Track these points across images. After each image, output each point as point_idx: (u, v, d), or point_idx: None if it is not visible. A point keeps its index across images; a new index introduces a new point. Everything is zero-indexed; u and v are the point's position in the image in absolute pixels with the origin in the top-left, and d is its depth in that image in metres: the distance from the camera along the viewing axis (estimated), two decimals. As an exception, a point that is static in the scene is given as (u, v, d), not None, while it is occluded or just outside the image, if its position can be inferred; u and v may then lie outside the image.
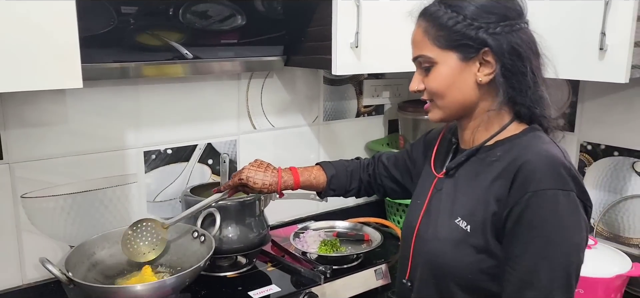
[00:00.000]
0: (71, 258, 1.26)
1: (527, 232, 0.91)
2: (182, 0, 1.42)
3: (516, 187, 0.92)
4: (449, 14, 0.97)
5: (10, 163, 1.37)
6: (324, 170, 1.36)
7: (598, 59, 1.31)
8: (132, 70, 1.48)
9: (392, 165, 1.35)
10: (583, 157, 1.78)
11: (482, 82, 0.98)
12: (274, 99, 1.82)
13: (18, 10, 0.99)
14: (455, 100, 1.01)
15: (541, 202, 0.90)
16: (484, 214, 0.97)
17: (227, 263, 1.57)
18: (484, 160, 1.01)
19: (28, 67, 1.02)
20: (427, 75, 1.02)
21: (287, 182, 1.32)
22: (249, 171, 1.30)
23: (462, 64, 0.98)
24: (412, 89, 1.05)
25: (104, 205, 1.53)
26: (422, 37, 1.01)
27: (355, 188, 1.38)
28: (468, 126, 1.05)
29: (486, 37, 0.96)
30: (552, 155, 0.93)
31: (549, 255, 0.90)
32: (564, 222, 0.90)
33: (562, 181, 0.90)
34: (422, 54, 1.01)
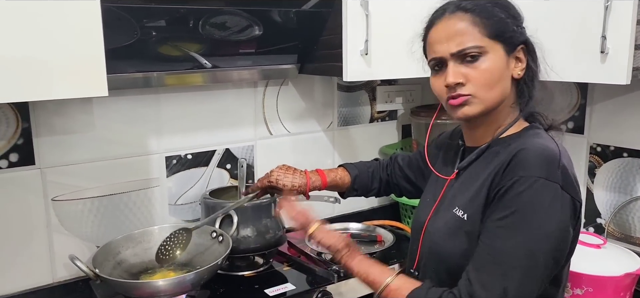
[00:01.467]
0: (98, 257, 1.34)
1: (501, 210, 0.96)
2: (202, 12, 1.50)
3: (507, 172, 0.97)
4: (494, 7, 1.02)
5: (41, 168, 1.47)
6: (348, 171, 1.42)
7: (600, 62, 1.35)
8: (155, 79, 1.57)
9: (406, 165, 1.42)
10: (593, 159, 1.81)
11: (516, 77, 1.04)
12: (290, 106, 1.89)
13: (47, 24, 1.07)
14: (498, 93, 1.02)
15: (522, 187, 0.94)
16: (479, 202, 1.02)
17: (244, 263, 1.64)
18: (488, 156, 1.06)
19: (57, 77, 1.10)
20: (469, 68, 1.01)
21: (315, 182, 1.38)
22: (278, 173, 1.36)
23: (506, 57, 1.02)
24: (453, 81, 1.01)
25: (128, 207, 1.62)
26: (468, 28, 1.00)
27: (376, 188, 1.44)
28: (483, 123, 1.07)
29: (523, 35, 1.04)
30: (546, 148, 0.98)
31: (516, 236, 0.94)
32: (537, 209, 0.93)
33: (549, 171, 0.94)
34: (471, 45, 1.00)
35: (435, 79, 1.07)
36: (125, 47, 1.45)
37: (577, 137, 1.83)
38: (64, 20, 1.09)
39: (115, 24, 1.39)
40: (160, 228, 1.49)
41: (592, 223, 1.84)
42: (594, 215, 1.83)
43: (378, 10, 1.55)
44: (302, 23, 1.66)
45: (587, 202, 1.84)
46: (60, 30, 1.09)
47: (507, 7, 1.05)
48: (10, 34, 1.04)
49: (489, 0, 1.04)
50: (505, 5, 1.05)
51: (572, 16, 1.41)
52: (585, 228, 1.86)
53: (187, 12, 1.47)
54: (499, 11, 1.03)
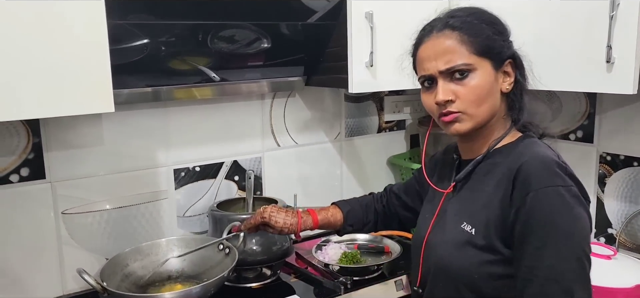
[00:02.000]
0: (106, 270, 1.35)
1: (540, 229, 0.95)
2: (211, 26, 1.51)
3: (518, 189, 0.98)
4: (480, 24, 1.04)
5: (52, 182, 1.49)
6: (340, 207, 1.41)
7: (606, 72, 1.34)
8: (163, 93, 1.59)
9: (402, 192, 1.41)
10: (603, 168, 1.79)
11: (505, 91, 1.06)
12: (297, 117, 1.90)
13: (53, 43, 1.10)
14: (488, 108, 1.04)
15: (547, 199, 0.95)
16: (487, 216, 1.02)
17: (252, 275, 1.64)
18: (485, 167, 1.07)
19: (63, 94, 1.12)
20: (459, 85, 1.02)
21: (307, 222, 1.37)
22: (271, 211, 1.36)
23: (494, 72, 1.04)
24: (442, 99, 1.02)
25: (137, 220, 1.64)
26: (455, 46, 1.02)
27: (371, 221, 1.43)
28: (478, 135, 1.09)
29: (510, 49, 1.06)
30: (546, 156, 0.99)
31: (566, 248, 0.94)
32: (573, 214, 0.95)
33: (559, 178, 0.96)
34: (459, 63, 1.01)
35: (426, 95, 1.08)
36: (135, 62, 1.47)
37: (586, 146, 1.82)
38: (70, 39, 1.12)
39: (125, 40, 1.42)
40: (168, 241, 1.51)
41: (603, 234, 1.82)
42: (605, 225, 1.81)
43: (383, 23, 1.56)
44: (308, 36, 1.67)
45: (598, 212, 1.82)
46: (66, 49, 1.11)
47: (494, 23, 1.06)
48: (14, 52, 1.06)
49: (476, 17, 1.05)
50: (492, 22, 1.06)
51: (577, 26, 1.40)
52: (596, 239, 1.84)
53: (197, 27, 1.49)
54: (486, 28, 1.04)
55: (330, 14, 1.59)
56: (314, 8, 1.57)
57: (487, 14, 1.08)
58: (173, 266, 1.49)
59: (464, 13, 1.07)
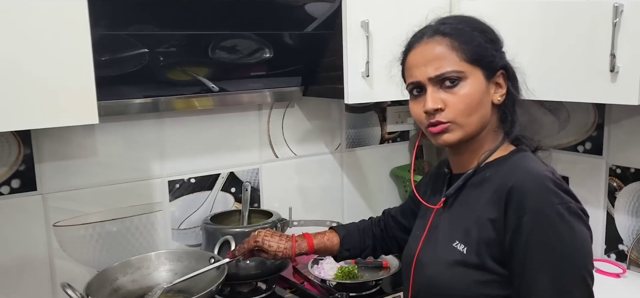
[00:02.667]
0: (93, 284, 1.33)
1: (541, 252, 0.90)
2: (211, 37, 1.49)
3: (512, 211, 0.93)
4: (472, 31, 1.00)
5: (43, 194, 1.48)
6: (336, 232, 1.37)
7: (610, 81, 1.28)
8: (158, 104, 1.57)
9: (399, 215, 1.36)
10: (613, 182, 1.72)
11: (496, 103, 1.02)
12: (295, 128, 1.87)
13: (35, 54, 1.08)
14: (478, 119, 1.00)
15: (545, 220, 0.90)
16: (478, 235, 0.97)
17: (247, 289, 1.61)
18: (474, 184, 1.03)
19: (45, 105, 1.10)
20: (448, 93, 0.98)
21: (301, 246, 1.32)
22: (265, 235, 1.32)
23: (485, 82, 1.00)
24: (431, 107, 0.98)
25: (131, 232, 1.62)
26: (446, 52, 0.98)
27: (369, 246, 1.37)
28: (468, 149, 1.05)
29: (502, 59, 1.02)
30: (539, 172, 0.94)
31: (569, 269, 0.89)
32: (574, 233, 0.90)
33: (555, 195, 0.91)
34: (449, 69, 0.97)
35: (414, 104, 1.04)
36: (133, 73, 1.45)
37: (595, 159, 1.75)
38: (54, 50, 1.10)
39: (124, 50, 1.41)
40: (158, 254, 1.48)
41: (613, 250, 1.75)
42: (616, 241, 1.74)
43: (378, 32, 1.52)
44: (305, 45, 1.64)
45: (608, 227, 1.75)
46: (48, 59, 1.09)
47: (486, 31, 1.02)
48: (-5, 65, 1.04)
49: (467, 25, 1.01)
50: (484, 30, 1.02)
51: (579, 34, 1.35)
52: (606, 255, 1.77)
53: (198, 37, 1.48)
54: (478, 36, 1.00)
55: (326, 23, 1.56)
56: (313, 15, 1.54)
57: (479, 22, 1.04)
58: (164, 280, 1.46)
59: (456, 20, 1.03)
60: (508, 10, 1.49)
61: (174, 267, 1.48)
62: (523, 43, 1.08)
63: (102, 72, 1.36)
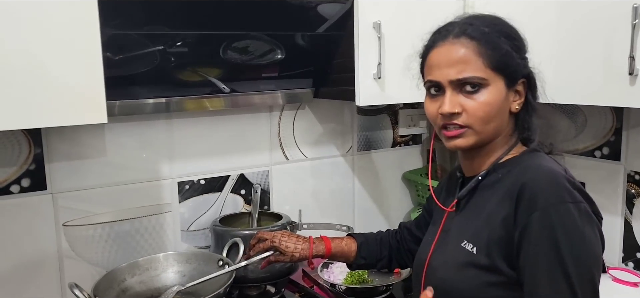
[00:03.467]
0: (101, 284, 1.32)
1: (548, 252, 0.88)
2: (223, 37, 1.48)
3: (523, 207, 0.90)
4: (500, 37, 0.97)
5: (53, 194, 1.48)
6: (354, 238, 1.35)
7: (629, 84, 1.24)
8: (169, 105, 1.56)
9: (414, 227, 1.34)
10: (631, 188, 1.67)
11: (515, 111, 1.00)
12: (306, 130, 1.85)
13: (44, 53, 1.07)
14: (495, 127, 0.99)
15: (556, 218, 0.87)
16: (489, 235, 0.95)
17: (256, 293, 1.59)
18: (486, 184, 1.01)
19: (54, 105, 1.10)
20: (468, 98, 0.96)
21: (319, 248, 1.31)
22: (282, 237, 1.31)
23: (506, 90, 0.98)
24: (449, 110, 0.96)
25: (139, 233, 1.61)
26: (471, 57, 0.95)
27: (386, 257, 1.35)
28: (480, 153, 1.03)
29: (526, 68, 0.99)
30: (552, 170, 0.92)
31: (577, 272, 0.87)
32: (584, 235, 0.88)
33: (568, 194, 0.89)
34: (473, 75, 0.95)
35: (431, 102, 1.01)
36: (144, 73, 1.45)
37: (613, 164, 1.70)
38: (63, 49, 1.09)
39: (134, 50, 1.40)
40: (166, 256, 1.47)
41: (631, 258, 1.70)
42: (634, 249, 1.69)
43: (391, 33, 1.50)
44: (316, 47, 1.63)
45: (626, 235, 1.70)
46: (59, 59, 1.09)
47: (514, 38, 0.99)
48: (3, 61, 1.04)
49: (495, 29, 0.97)
50: (511, 36, 0.98)
51: (597, 36, 1.31)
52: (624, 264, 1.72)
53: (211, 38, 1.47)
54: (505, 42, 0.96)
55: (337, 24, 1.55)
56: (325, 15, 1.52)
57: (507, 26, 1.00)
58: (171, 282, 1.45)
59: (483, 22, 0.98)
60: (524, 11, 1.45)
61: (182, 268, 1.47)
62: (538, 45, 1.04)
63: (113, 72, 1.36)
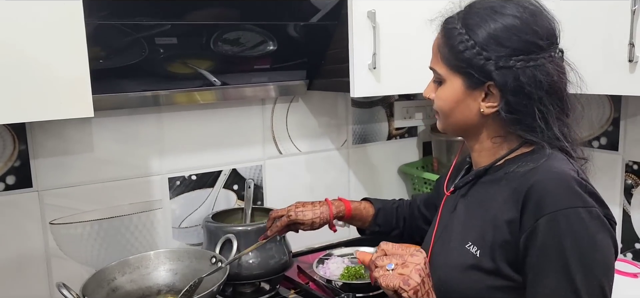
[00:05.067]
0: (90, 284, 1.28)
1: (557, 259, 0.83)
2: (213, 29, 1.44)
3: (530, 211, 0.86)
4: (462, 35, 0.92)
5: (39, 191, 1.43)
6: (372, 203, 1.34)
7: (628, 72, 1.22)
8: (158, 98, 1.53)
9: (423, 205, 1.33)
10: (629, 178, 1.65)
11: (485, 113, 0.94)
12: (300, 123, 1.82)
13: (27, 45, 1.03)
14: (457, 122, 0.99)
15: (565, 224, 0.82)
16: (493, 238, 0.91)
17: (250, 290, 1.56)
18: (492, 180, 0.97)
19: (37, 98, 1.05)
20: (436, 88, 1.00)
21: (340, 208, 1.29)
22: (296, 209, 1.28)
23: (466, 90, 0.95)
24: (424, 95, 1.04)
25: (129, 231, 1.57)
26: (437, 50, 0.99)
27: (400, 228, 1.34)
28: (474, 147, 1.02)
29: (492, 71, 0.90)
30: (562, 172, 0.87)
31: (587, 281, 0.82)
32: (595, 242, 0.83)
33: (579, 198, 0.84)
34: (435, 69, 0.99)
35: None
36: (132, 65, 1.41)
37: (611, 154, 1.68)
38: (46, 39, 1.05)
39: (121, 42, 1.36)
40: (157, 253, 1.43)
41: (630, 249, 1.68)
42: (632, 240, 1.67)
43: (386, 22, 1.47)
44: (309, 37, 1.59)
45: (624, 226, 1.68)
46: (42, 50, 1.05)
47: (492, 38, 0.90)
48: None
49: (470, 24, 0.92)
50: (491, 34, 0.90)
51: (596, 22, 1.29)
52: (622, 255, 1.70)
53: (199, 29, 1.43)
54: (467, 41, 0.91)
55: (331, 13, 1.51)
56: (318, 5, 1.49)
57: (495, 22, 0.90)
58: (163, 280, 1.41)
59: (468, 15, 0.94)
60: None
61: (174, 266, 1.43)
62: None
63: (99, 65, 1.32)
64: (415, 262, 0.87)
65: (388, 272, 0.87)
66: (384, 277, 0.87)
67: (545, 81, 0.90)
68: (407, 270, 0.86)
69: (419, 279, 0.85)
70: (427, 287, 0.87)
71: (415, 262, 0.87)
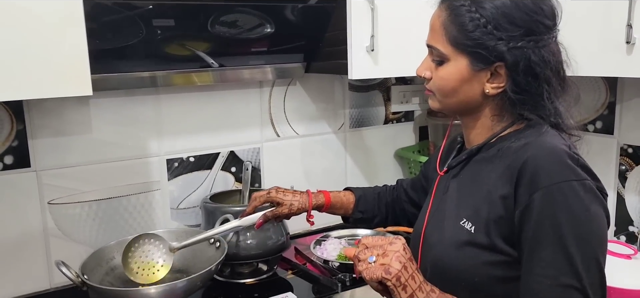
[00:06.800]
0: (88, 263, 1.29)
1: (552, 233, 0.84)
2: (211, 10, 1.44)
3: (524, 186, 0.86)
4: (471, 13, 0.90)
5: (37, 171, 1.43)
6: (353, 192, 1.35)
7: (626, 54, 1.23)
8: (156, 79, 1.52)
9: (410, 188, 1.33)
10: (624, 161, 1.67)
11: (490, 94, 0.94)
12: (297, 106, 1.82)
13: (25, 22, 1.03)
14: (458, 102, 0.97)
15: (559, 197, 0.83)
16: (488, 214, 0.92)
17: (248, 270, 1.57)
18: (485, 158, 0.97)
19: (35, 76, 1.05)
20: (436, 67, 0.96)
21: (319, 199, 1.30)
22: (278, 192, 1.29)
23: (472, 71, 0.93)
24: (418, 73, 1.00)
25: (128, 211, 1.57)
26: (439, 28, 0.94)
27: (382, 214, 1.35)
28: (469, 125, 1.01)
29: (504, 51, 0.89)
30: (555, 146, 0.87)
31: (582, 253, 0.83)
32: (589, 214, 0.84)
33: (572, 171, 0.85)
34: (436, 47, 0.95)
35: None
36: (129, 46, 1.40)
37: (606, 138, 1.70)
38: (44, 16, 1.05)
39: (119, 22, 1.35)
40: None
41: (623, 232, 1.70)
42: (626, 222, 1.69)
43: (384, 4, 1.47)
44: (307, 19, 1.59)
45: (618, 208, 1.70)
46: (38, 26, 1.04)
47: (501, 15, 0.89)
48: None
49: (481, 4, 0.90)
50: (499, 12, 0.89)
51: (594, 3, 1.29)
52: (616, 237, 1.72)
53: (197, 10, 1.42)
54: (479, 19, 0.90)
55: (329, -5, 1.51)
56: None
57: (506, 5, 0.90)
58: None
59: None
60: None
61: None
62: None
63: (97, 45, 1.31)
64: (395, 250, 0.87)
65: (370, 264, 0.87)
66: (367, 270, 0.87)
67: (552, 61, 0.91)
68: (387, 259, 0.86)
69: (400, 266, 0.85)
70: (411, 271, 0.87)
71: (394, 249, 0.87)
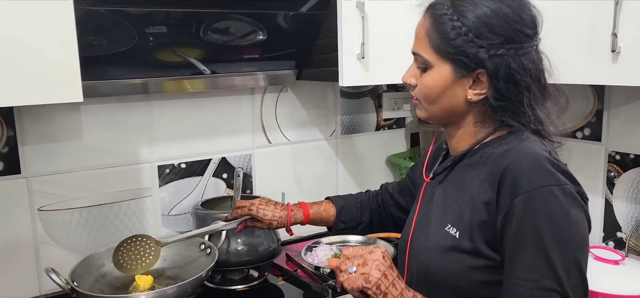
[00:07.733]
0: (78, 270, 1.29)
1: (532, 237, 0.85)
2: (203, 17, 1.45)
3: (505, 191, 0.88)
4: (453, 21, 0.92)
5: (27, 177, 1.43)
6: (333, 203, 1.35)
7: (611, 62, 1.24)
8: (148, 86, 1.52)
9: (396, 192, 1.33)
10: (611, 168, 1.69)
11: (472, 100, 0.96)
12: (289, 113, 1.83)
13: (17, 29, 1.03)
14: (442, 109, 0.98)
15: (539, 202, 0.85)
16: (471, 219, 0.93)
17: (238, 277, 1.57)
18: (469, 164, 0.99)
19: (26, 82, 1.06)
20: (421, 74, 0.98)
21: (297, 215, 1.31)
22: (259, 205, 1.30)
23: (455, 77, 0.95)
24: (404, 80, 1.01)
25: (119, 218, 1.57)
26: (423, 36, 0.96)
27: (366, 221, 1.35)
28: (454, 134, 1.02)
29: (485, 58, 0.91)
30: (535, 152, 0.89)
31: (563, 257, 0.85)
32: (569, 218, 0.86)
33: (552, 176, 0.86)
34: (420, 54, 0.97)
35: None
36: (121, 53, 1.41)
37: (593, 145, 1.72)
38: (35, 22, 1.05)
39: (111, 28, 1.35)
40: (146, 240, 1.44)
41: (612, 238, 1.72)
42: (614, 228, 1.71)
43: (375, 12, 1.48)
44: (298, 27, 1.60)
45: (606, 215, 1.72)
46: (30, 32, 1.05)
47: (482, 23, 0.91)
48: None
49: (461, 10, 0.92)
50: (480, 20, 0.91)
51: (579, 12, 1.31)
52: (604, 243, 1.74)
53: (189, 17, 1.43)
54: (460, 27, 0.91)
55: (320, 3, 1.52)
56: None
57: (485, 8, 0.91)
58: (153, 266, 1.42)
59: (455, 1, 0.94)
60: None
61: (164, 253, 1.43)
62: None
63: (88, 51, 1.32)
64: (374, 258, 0.89)
65: (351, 274, 0.88)
66: (348, 281, 0.89)
67: (532, 68, 0.92)
68: (367, 268, 0.88)
69: (379, 274, 0.87)
70: (391, 279, 0.88)
71: (374, 258, 0.89)
